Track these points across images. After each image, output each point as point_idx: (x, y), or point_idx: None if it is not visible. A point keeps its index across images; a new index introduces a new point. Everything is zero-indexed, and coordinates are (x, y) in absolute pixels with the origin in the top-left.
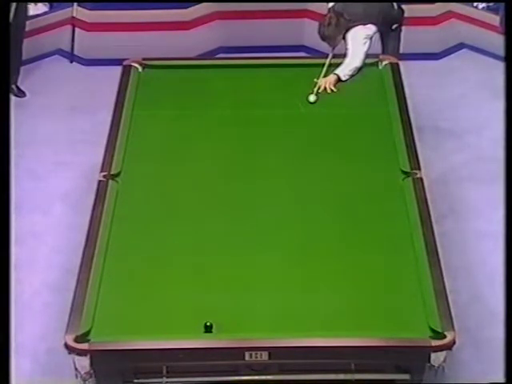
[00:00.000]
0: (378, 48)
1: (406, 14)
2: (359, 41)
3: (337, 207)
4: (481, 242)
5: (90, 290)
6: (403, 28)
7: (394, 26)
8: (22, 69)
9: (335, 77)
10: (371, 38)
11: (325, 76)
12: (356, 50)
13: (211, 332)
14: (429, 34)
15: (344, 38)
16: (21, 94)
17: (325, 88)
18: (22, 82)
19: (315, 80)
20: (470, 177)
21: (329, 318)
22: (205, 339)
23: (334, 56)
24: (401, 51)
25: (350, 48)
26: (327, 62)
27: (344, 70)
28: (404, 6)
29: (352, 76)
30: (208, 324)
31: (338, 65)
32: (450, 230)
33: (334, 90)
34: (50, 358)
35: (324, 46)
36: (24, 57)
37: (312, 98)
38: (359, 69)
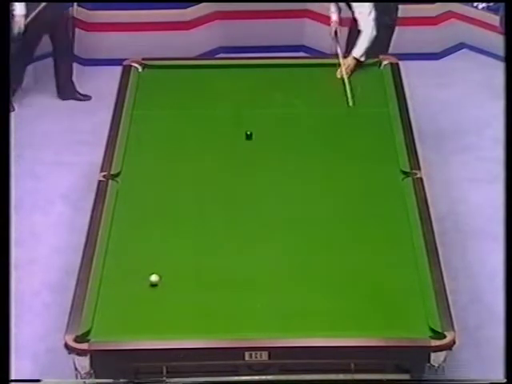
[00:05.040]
0: None
1: (406, 14)
2: (365, 12)
3: (336, 207)
4: (481, 242)
5: (90, 290)
6: (403, 28)
7: (390, 23)
8: None
9: (354, 61)
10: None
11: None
12: (365, 25)
13: (251, 139)
14: (429, 33)
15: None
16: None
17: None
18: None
19: (337, 73)
20: (470, 177)
21: (329, 318)
22: (205, 339)
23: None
24: (400, 51)
25: (359, 22)
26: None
27: (359, 51)
28: (405, 6)
29: (367, 49)
30: (248, 133)
31: None
32: (449, 229)
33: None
34: (50, 358)
35: (324, 46)
36: None
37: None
38: (375, 37)
